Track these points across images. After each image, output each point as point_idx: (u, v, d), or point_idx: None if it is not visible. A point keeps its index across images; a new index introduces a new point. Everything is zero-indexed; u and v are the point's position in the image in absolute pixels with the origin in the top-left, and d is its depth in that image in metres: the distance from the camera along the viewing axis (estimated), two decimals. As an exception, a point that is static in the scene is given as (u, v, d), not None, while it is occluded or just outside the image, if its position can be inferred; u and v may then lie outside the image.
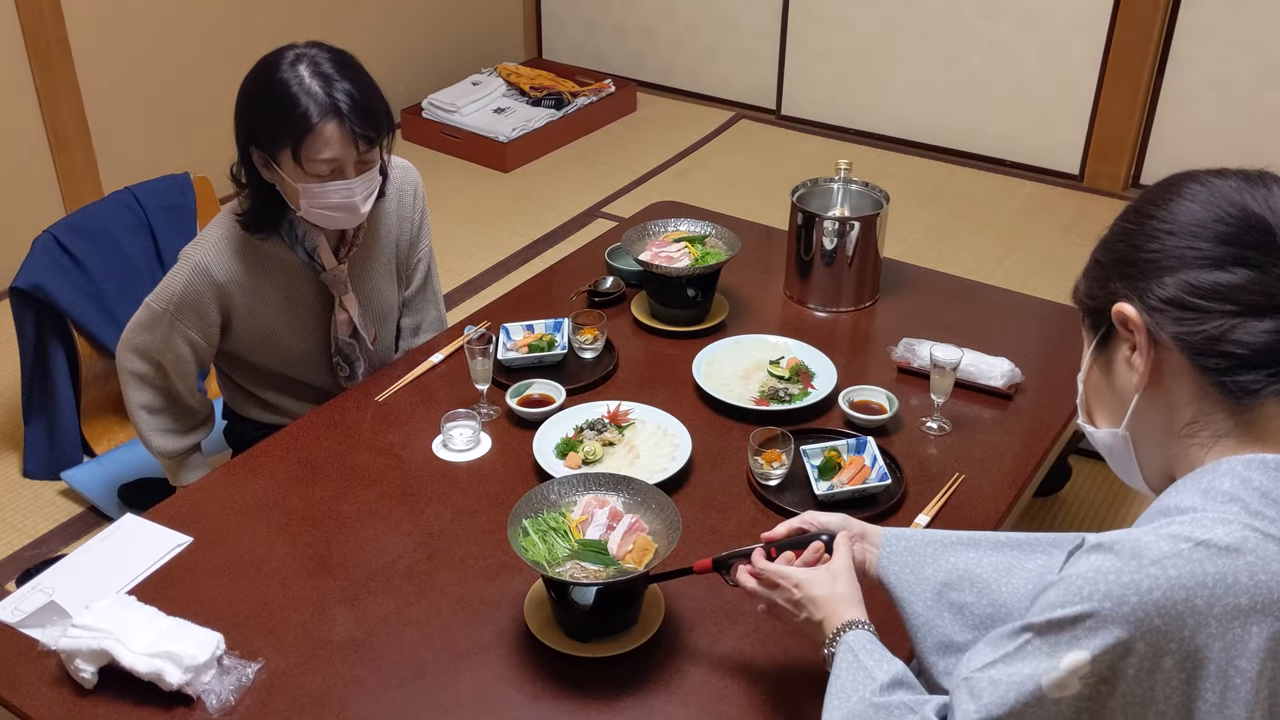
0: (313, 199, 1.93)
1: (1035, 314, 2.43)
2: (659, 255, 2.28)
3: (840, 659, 1.27)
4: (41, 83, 3.40)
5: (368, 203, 1.99)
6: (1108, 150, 4.12)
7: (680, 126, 4.67)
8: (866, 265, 2.37)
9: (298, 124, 1.86)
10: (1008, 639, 1.02)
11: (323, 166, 1.90)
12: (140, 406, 2.13)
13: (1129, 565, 0.95)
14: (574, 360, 2.18)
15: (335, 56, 1.92)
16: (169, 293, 2.01)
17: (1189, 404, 1.05)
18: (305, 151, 1.88)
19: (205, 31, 3.82)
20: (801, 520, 1.47)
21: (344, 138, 1.88)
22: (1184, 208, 1.04)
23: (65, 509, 2.62)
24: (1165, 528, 0.98)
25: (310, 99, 1.86)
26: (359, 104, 1.89)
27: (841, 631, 1.30)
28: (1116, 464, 1.16)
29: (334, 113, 1.87)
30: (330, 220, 1.98)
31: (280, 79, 1.87)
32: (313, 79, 1.87)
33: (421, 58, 4.70)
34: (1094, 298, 1.12)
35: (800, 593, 1.35)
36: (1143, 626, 0.94)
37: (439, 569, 1.70)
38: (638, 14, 4.91)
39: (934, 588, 1.34)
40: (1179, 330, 1.02)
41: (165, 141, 3.78)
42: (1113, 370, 1.11)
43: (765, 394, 2.07)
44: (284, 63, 1.89)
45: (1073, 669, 0.96)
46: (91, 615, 1.52)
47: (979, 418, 2.06)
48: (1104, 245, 1.13)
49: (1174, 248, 1.03)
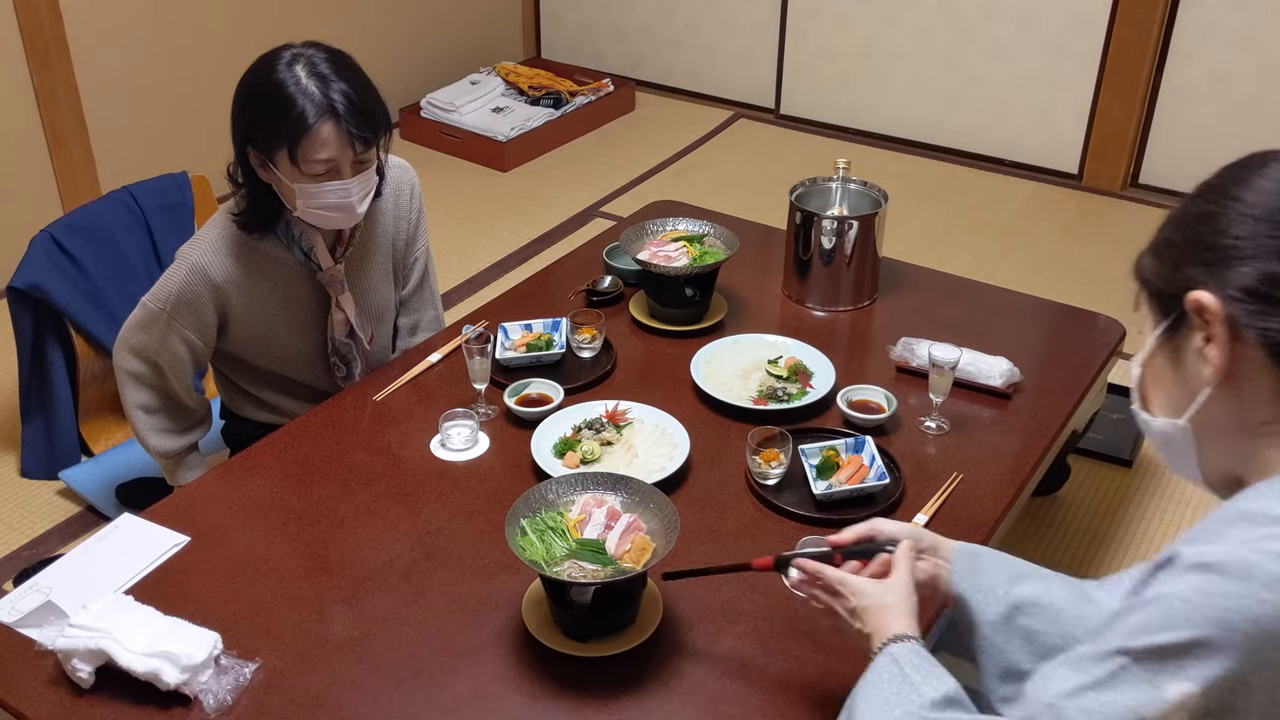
0: (309, 199, 1.92)
1: (1034, 313, 2.43)
2: (657, 254, 2.28)
3: (883, 670, 1.20)
4: (39, 81, 3.40)
5: (364, 203, 1.98)
6: (1107, 150, 4.12)
7: (679, 126, 4.66)
8: (865, 264, 2.36)
9: (294, 125, 1.85)
10: (1095, 662, 0.94)
11: (319, 167, 1.89)
12: (137, 406, 2.12)
13: (1240, 588, 0.87)
14: (572, 360, 2.17)
15: (332, 56, 1.92)
16: (165, 293, 2.01)
17: (1268, 404, 0.97)
18: (302, 152, 1.87)
19: (203, 31, 3.82)
20: (869, 527, 1.40)
21: (340, 138, 1.88)
22: (1270, 190, 0.97)
23: (63, 509, 2.62)
24: (1269, 543, 0.89)
25: (307, 99, 1.86)
26: (355, 105, 1.88)
27: (887, 644, 1.23)
28: (1169, 454, 1.09)
29: (330, 113, 1.86)
30: (327, 220, 1.98)
31: (277, 79, 1.87)
32: (309, 79, 1.87)
33: (420, 57, 4.69)
34: (1164, 280, 1.05)
35: (855, 601, 1.30)
36: (1256, 657, 0.86)
37: (437, 568, 1.70)
38: (637, 13, 4.90)
39: (1004, 610, 1.27)
40: (1261, 325, 0.95)
41: (163, 141, 3.78)
42: (1181, 359, 1.04)
43: (763, 393, 2.07)
44: (280, 63, 1.89)
45: (1180, 702, 0.88)
46: (89, 615, 1.52)
47: (978, 417, 2.06)
48: (1177, 224, 1.05)
49: (1258, 234, 0.96)
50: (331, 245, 2.09)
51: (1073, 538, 2.53)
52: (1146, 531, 2.55)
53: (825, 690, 1.50)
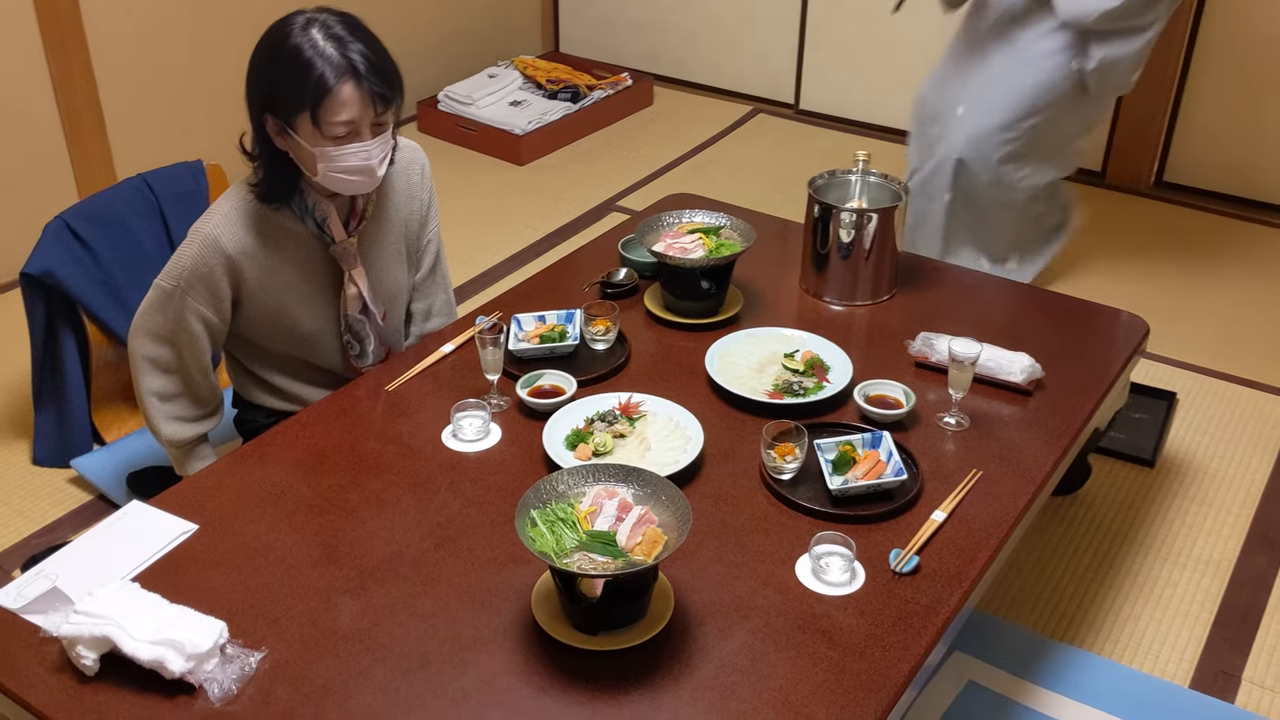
0: (330, 162, 1.92)
1: (1057, 309, 2.39)
2: (673, 246, 2.25)
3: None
4: (56, 69, 3.39)
5: (383, 165, 1.99)
6: (1131, 149, 4.07)
7: (697, 120, 4.64)
8: (884, 258, 2.33)
9: (315, 87, 1.85)
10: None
11: (340, 129, 1.89)
12: (151, 393, 2.11)
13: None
14: (586, 351, 2.15)
15: (344, 19, 1.92)
16: (179, 269, 2.00)
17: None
18: (323, 114, 1.87)
19: (221, 19, 3.81)
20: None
21: (362, 98, 1.88)
22: None
23: (74, 496, 2.61)
24: None
25: (326, 62, 1.85)
26: (374, 64, 1.89)
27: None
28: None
29: (351, 73, 1.86)
30: (347, 185, 1.97)
31: (294, 44, 1.87)
32: (326, 41, 1.87)
33: (438, 49, 4.68)
34: None
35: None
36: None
37: (446, 559, 1.68)
38: (655, 7, 4.88)
39: None
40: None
41: (180, 129, 3.77)
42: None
43: (779, 387, 2.04)
44: (295, 27, 1.88)
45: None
46: (94, 602, 1.50)
47: (998, 414, 2.02)
48: None
49: None
50: (345, 218, 2.08)
51: (1093, 538, 2.50)
52: (1168, 533, 2.51)
53: (838, 688, 1.48)
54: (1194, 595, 2.36)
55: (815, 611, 1.59)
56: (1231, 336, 3.24)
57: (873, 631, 1.56)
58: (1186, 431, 2.84)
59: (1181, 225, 3.86)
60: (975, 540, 1.73)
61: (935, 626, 1.58)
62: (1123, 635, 2.26)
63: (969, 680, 2.13)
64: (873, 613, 1.59)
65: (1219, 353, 3.16)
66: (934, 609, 1.60)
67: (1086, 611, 2.31)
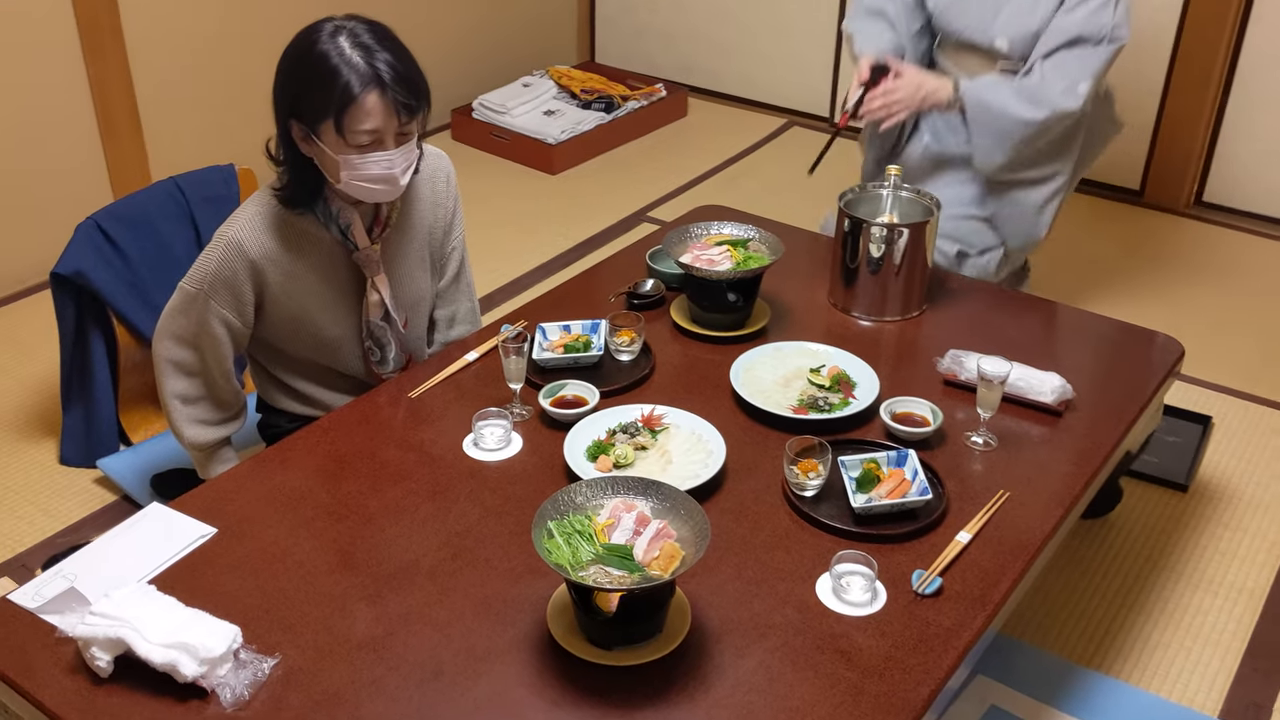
0: (353, 170, 1.92)
1: (1090, 330, 2.36)
2: (700, 258, 2.23)
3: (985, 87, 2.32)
4: (94, 72, 3.42)
5: (406, 175, 1.98)
6: (1170, 167, 4.01)
7: (731, 132, 4.62)
8: (915, 274, 2.30)
9: (340, 95, 1.86)
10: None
11: (364, 137, 1.89)
12: (175, 396, 2.11)
13: None
14: (610, 362, 2.14)
15: (373, 28, 1.92)
16: (203, 272, 2.01)
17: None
18: (347, 122, 1.87)
19: (258, 24, 3.83)
20: (869, 62, 2.43)
21: (386, 108, 1.88)
22: None
23: (99, 497, 2.62)
24: None
25: (352, 70, 1.85)
26: (400, 74, 1.89)
27: (960, 86, 2.43)
28: None
29: (376, 83, 1.86)
30: (369, 193, 1.97)
31: (321, 51, 1.87)
32: (353, 50, 1.87)
33: (474, 59, 4.69)
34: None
35: (916, 80, 2.40)
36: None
37: (463, 569, 1.67)
38: (690, 19, 4.87)
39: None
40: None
41: (215, 134, 3.79)
42: None
43: (804, 403, 2.02)
44: (323, 35, 1.89)
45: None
46: (110, 603, 1.50)
47: (1027, 434, 1.99)
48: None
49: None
50: (369, 225, 2.08)
51: (1123, 562, 2.45)
52: (1200, 559, 2.46)
53: (856, 710, 1.45)
54: (1225, 624, 2.31)
55: (835, 631, 1.57)
56: (1270, 360, 3.18)
57: (893, 653, 1.54)
58: (1222, 456, 2.79)
59: (1221, 246, 3.80)
60: (1000, 563, 1.70)
61: (957, 650, 1.55)
62: (1151, 663, 2.21)
63: (991, 704, 2.09)
64: (893, 634, 1.57)
65: (1257, 376, 3.10)
66: (956, 632, 1.57)
67: (1114, 637, 2.27)
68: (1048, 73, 2.44)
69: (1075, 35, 2.46)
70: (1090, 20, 2.46)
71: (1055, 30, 2.48)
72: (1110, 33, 2.46)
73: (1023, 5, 2.57)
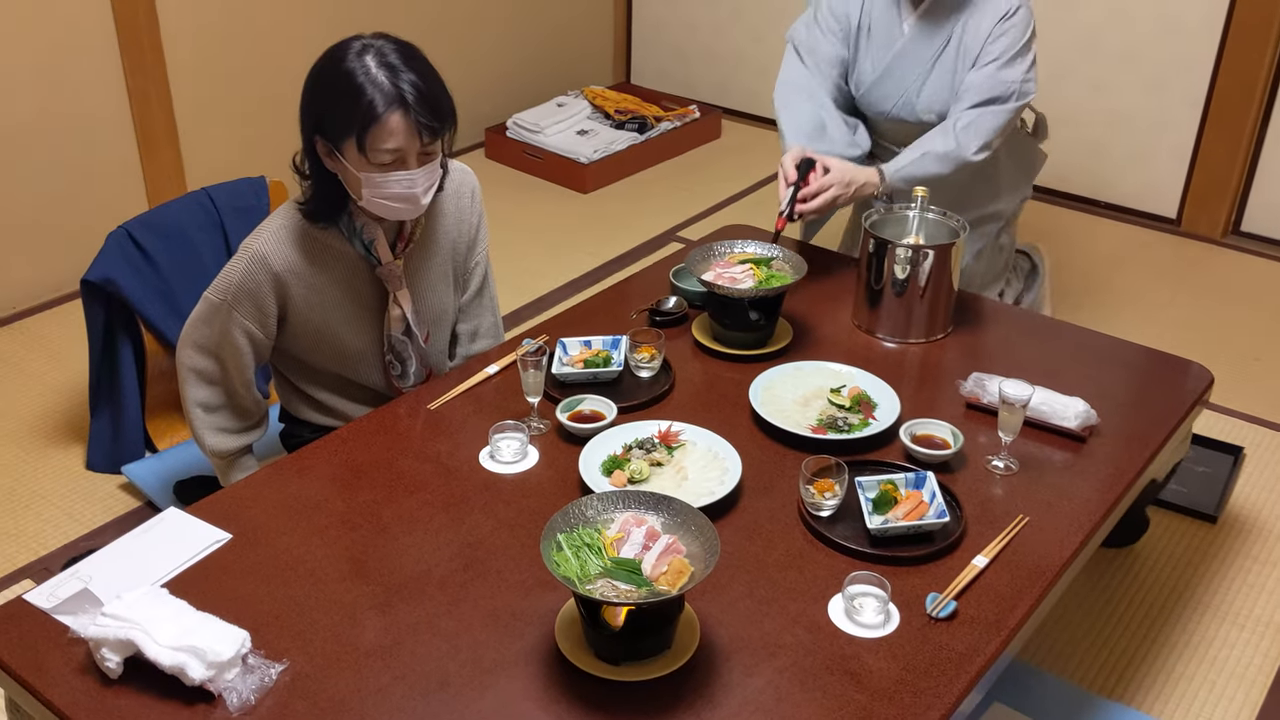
0: (375, 189, 1.93)
1: (1117, 356, 2.32)
2: (722, 276, 2.23)
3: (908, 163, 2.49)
4: (133, 84, 3.48)
5: (428, 195, 1.99)
6: (1208, 195, 3.97)
7: (764, 154, 4.61)
8: (940, 296, 2.28)
9: (364, 114, 1.87)
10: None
11: (386, 156, 1.90)
12: (197, 404, 2.13)
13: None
14: (630, 378, 2.13)
15: (401, 48, 1.93)
16: (227, 283, 2.02)
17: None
18: (370, 141, 1.88)
19: (296, 40, 3.88)
20: (793, 158, 2.46)
21: (409, 128, 1.89)
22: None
23: (124, 502, 2.65)
24: None
25: (376, 89, 1.86)
26: (424, 95, 1.89)
27: (883, 174, 2.50)
28: None
29: (400, 103, 1.87)
30: (391, 211, 1.98)
31: (347, 68, 1.88)
32: (379, 69, 1.88)
33: (510, 78, 4.72)
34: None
35: (846, 178, 2.45)
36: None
37: (474, 580, 1.66)
38: (729, 39, 4.88)
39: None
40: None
41: (252, 146, 3.84)
42: None
43: (823, 422, 2.00)
44: (350, 53, 1.90)
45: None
46: (121, 605, 1.51)
47: (1049, 459, 1.97)
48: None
49: None
50: (392, 240, 2.09)
51: (1148, 592, 2.41)
52: (1228, 592, 2.42)
53: (865, 733, 1.43)
54: (1251, 657, 2.26)
55: (845, 653, 1.55)
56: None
57: (904, 676, 1.52)
58: (1252, 488, 2.74)
59: (1257, 275, 3.75)
60: (1017, 588, 1.68)
61: (969, 675, 1.52)
62: (1173, 695, 2.17)
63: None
64: (905, 657, 1.55)
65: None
66: (970, 656, 1.55)
67: (1136, 668, 2.23)
68: (962, 137, 2.56)
69: (987, 96, 2.58)
70: (998, 76, 2.58)
71: (970, 87, 2.60)
72: (1019, 89, 2.59)
73: (942, 80, 2.68)
